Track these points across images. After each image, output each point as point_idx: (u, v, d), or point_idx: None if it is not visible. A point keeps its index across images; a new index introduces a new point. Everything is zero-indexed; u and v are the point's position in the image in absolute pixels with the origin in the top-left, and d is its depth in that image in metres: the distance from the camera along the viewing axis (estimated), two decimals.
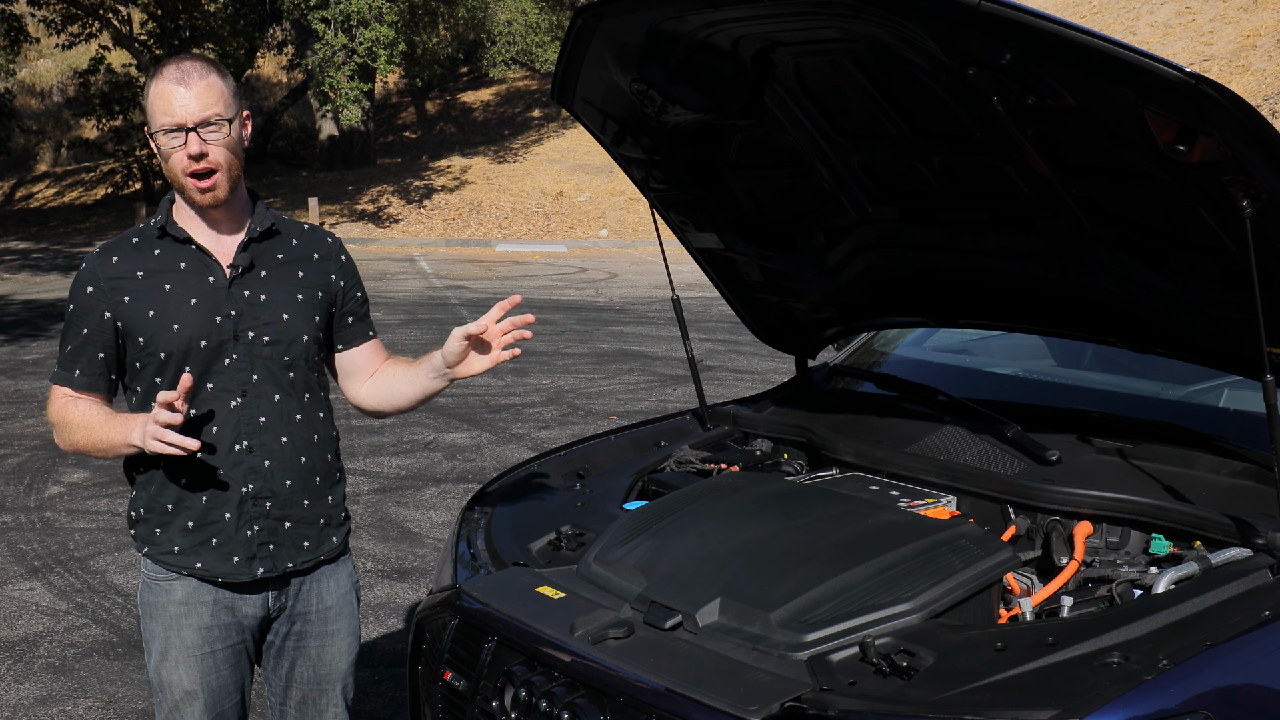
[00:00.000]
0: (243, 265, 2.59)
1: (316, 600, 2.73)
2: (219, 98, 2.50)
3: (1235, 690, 2.06)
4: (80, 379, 2.61)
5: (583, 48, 2.99)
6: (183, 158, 2.49)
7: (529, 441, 8.08)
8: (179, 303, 2.55)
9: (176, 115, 2.47)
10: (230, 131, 2.52)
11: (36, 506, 6.78)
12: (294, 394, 2.64)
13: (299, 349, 2.64)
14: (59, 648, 4.89)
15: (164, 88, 2.48)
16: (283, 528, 2.64)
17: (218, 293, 2.57)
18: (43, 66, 39.13)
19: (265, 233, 2.64)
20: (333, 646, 2.77)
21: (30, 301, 15.17)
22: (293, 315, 2.63)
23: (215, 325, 2.56)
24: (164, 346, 2.54)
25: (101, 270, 2.58)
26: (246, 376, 2.58)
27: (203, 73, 2.51)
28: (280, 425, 2.62)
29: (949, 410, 3.29)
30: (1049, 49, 2.26)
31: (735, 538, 2.56)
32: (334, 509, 2.74)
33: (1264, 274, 2.35)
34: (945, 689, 2.02)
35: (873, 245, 3.26)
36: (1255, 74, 20.92)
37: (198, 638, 2.63)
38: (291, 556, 2.66)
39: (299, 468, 2.64)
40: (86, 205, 31.14)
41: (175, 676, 2.64)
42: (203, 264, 2.59)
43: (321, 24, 24.39)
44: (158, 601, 2.65)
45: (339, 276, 2.75)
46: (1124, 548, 2.65)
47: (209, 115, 2.48)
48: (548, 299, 15.53)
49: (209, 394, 2.57)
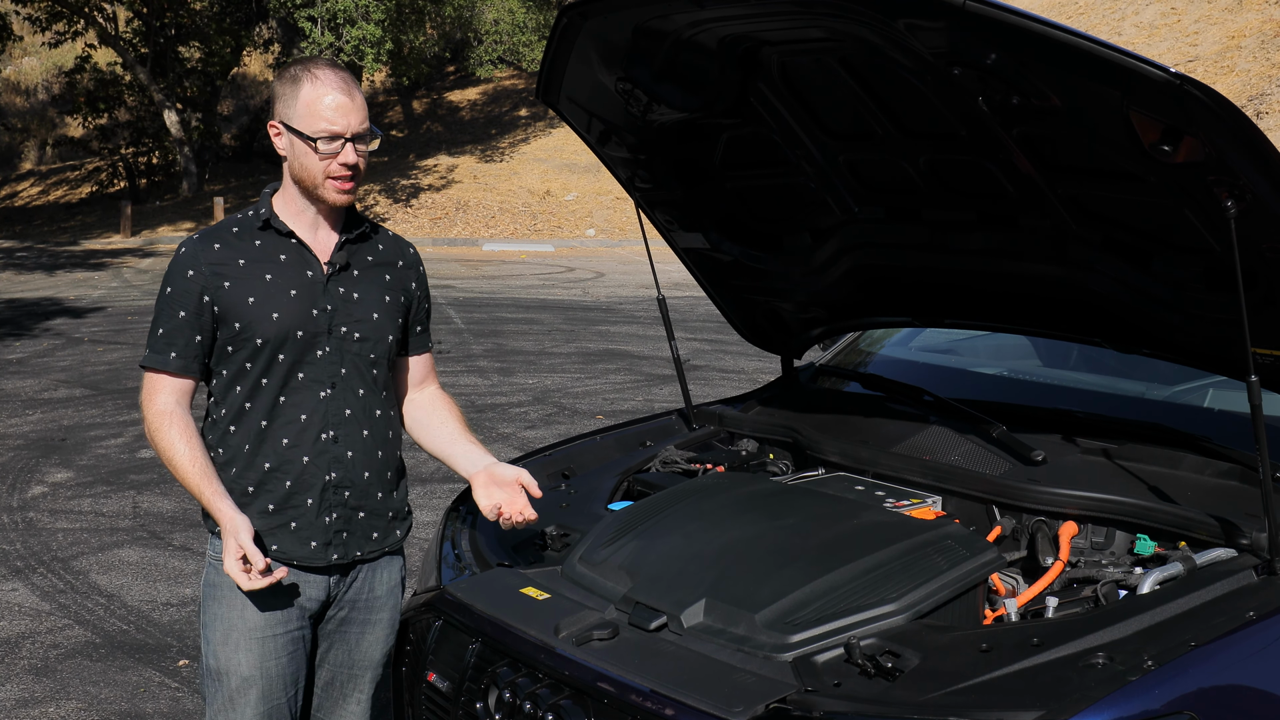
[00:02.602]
0: (339, 263, 2.68)
1: (368, 590, 2.77)
2: (367, 112, 2.62)
3: (1220, 691, 2.06)
4: (176, 361, 2.63)
5: (568, 46, 2.99)
6: (335, 164, 2.57)
7: (515, 441, 8.07)
8: (279, 292, 2.62)
9: (338, 125, 2.55)
10: (371, 144, 2.65)
11: (19, 506, 6.75)
12: (376, 390, 2.72)
13: (384, 348, 2.72)
14: (41, 649, 4.86)
15: (326, 93, 2.56)
16: (356, 517, 2.70)
17: (315, 287, 2.65)
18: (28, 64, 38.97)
19: (360, 235, 2.73)
20: (371, 635, 2.80)
21: (14, 301, 15.10)
22: (381, 315, 2.72)
23: (312, 317, 2.63)
24: (261, 333, 2.60)
25: (203, 255, 2.62)
26: (336, 370, 2.66)
27: (357, 86, 2.63)
28: (363, 419, 2.69)
29: (934, 410, 3.29)
30: (1034, 49, 2.26)
31: (720, 538, 2.56)
32: (401, 503, 2.81)
33: (1248, 274, 2.35)
34: (930, 690, 2.02)
35: (859, 245, 3.26)
36: (1240, 75, 21.01)
37: (260, 620, 2.65)
38: (360, 545, 2.72)
39: (376, 461, 2.72)
40: (71, 204, 31.02)
41: (235, 661, 2.65)
42: (302, 258, 2.66)
43: (308, 22, 24.35)
44: (222, 582, 2.65)
45: (417, 285, 2.84)
46: (1109, 548, 2.65)
47: (364, 128, 2.60)
48: (534, 298, 15.52)
49: (300, 383, 2.63)
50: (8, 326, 13.06)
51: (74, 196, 31.85)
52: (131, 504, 6.78)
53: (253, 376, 2.63)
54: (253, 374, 2.63)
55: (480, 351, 11.56)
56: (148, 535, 6.24)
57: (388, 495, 2.76)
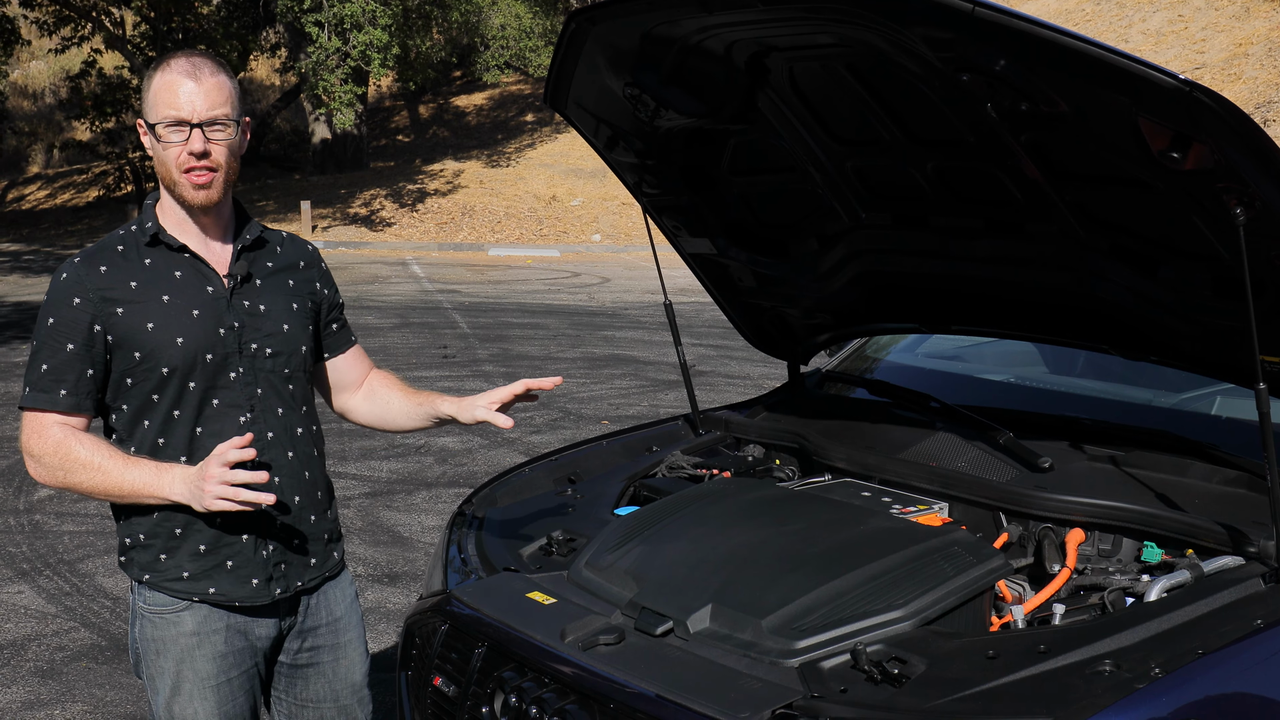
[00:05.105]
0: (240, 274, 2.51)
1: (326, 613, 2.67)
2: (227, 98, 2.43)
3: (1227, 699, 2.05)
4: (66, 399, 2.41)
5: (576, 52, 2.99)
6: (183, 154, 2.39)
7: (521, 446, 8.07)
8: (180, 314, 2.43)
9: (183, 110, 2.38)
10: (234, 134, 2.45)
11: (26, 509, 6.75)
12: (294, 407, 2.58)
13: (298, 360, 2.58)
14: (47, 651, 4.86)
15: (172, 80, 2.39)
16: (293, 545, 2.56)
17: (219, 303, 2.47)
18: (35, 68, 39.06)
19: (255, 241, 2.57)
20: (346, 658, 2.70)
21: (21, 304, 15.12)
22: (292, 325, 2.56)
23: (219, 337, 2.45)
24: (166, 361, 2.41)
25: (90, 280, 2.42)
26: (252, 391, 2.50)
27: (213, 70, 2.43)
28: (286, 440, 2.55)
29: (941, 417, 3.28)
30: (1043, 55, 2.26)
31: (727, 544, 2.55)
32: (333, 523, 2.69)
33: (1257, 282, 2.35)
34: (936, 697, 2.01)
35: (865, 251, 3.26)
36: (1247, 82, 20.98)
37: (212, 667, 2.51)
38: (300, 575, 2.60)
39: (304, 482, 2.58)
40: (78, 207, 31.07)
41: (190, 710, 2.51)
42: (199, 273, 2.48)
43: (315, 27, 24.40)
44: (164, 636, 2.51)
45: (323, 284, 2.71)
46: (1116, 555, 2.65)
47: (216, 114, 2.40)
48: (540, 303, 15.53)
49: (215, 410, 2.46)
50: (14, 329, 13.08)
51: (81, 200, 31.90)
52: None
53: (162, 409, 2.43)
54: (161, 407, 2.43)
55: (486, 356, 11.56)
56: None
57: (320, 516, 2.62)
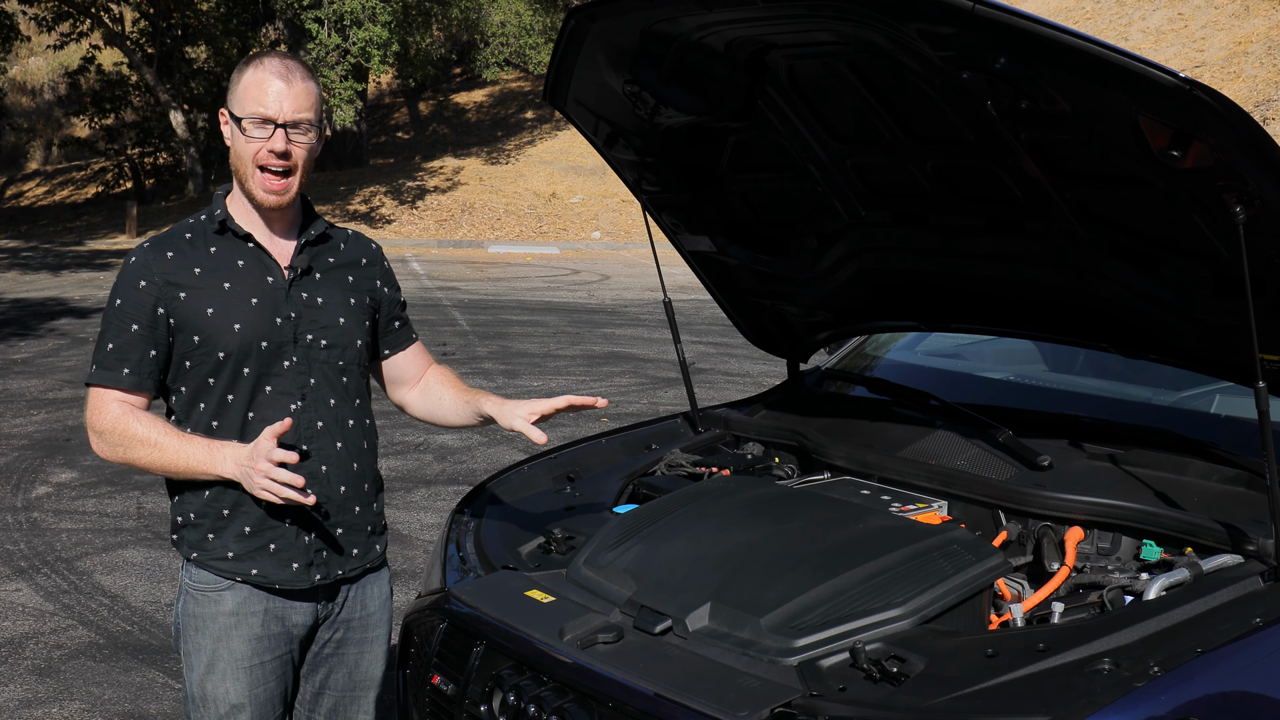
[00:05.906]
0: (300, 267, 2.57)
1: (361, 608, 2.71)
2: (313, 103, 2.51)
3: (1226, 697, 2.05)
4: (129, 378, 2.49)
5: (576, 49, 2.99)
6: (263, 150, 2.46)
7: (520, 443, 8.07)
8: (239, 301, 2.50)
9: (270, 109, 2.45)
10: (314, 139, 2.52)
11: (24, 507, 6.75)
12: (347, 399, 2.62)
13: (353, 353, 2.63)
14: (45, 649, 4.86)
15: (263, 78, 2.46)
16: (335, 535, 2.60)
17: (277, 293, 2.54)
18: (34, 64, 39.04)
19: (319, 236, 2.64)
20: (370, 653, 2.75)
21: (19, 300, 15.12)
22: (348, 319, 2.62)
23: (275, 326, 2.52)
24: (223, 346, 2.48)
25: (156, 265, 2.50)
26: (305, 380, 2.55)
27: (304, 75, 2.51)
28: (336, 430, 2.59)
29: (941, 415, 3.28)
30: (1043, 53, 2.25)
31: (726, 542, 2.55)
32: (378, 516, 2.73)
33: (1257, 280, 2.35)
34: (935, 695, 2.01)
35: (865, 249, 3.25)
36: (1247, 80, 20.99)
37: (247, 649, 2.56)
38: (342, 564, 2.64)
39: (351, 474, 2.62)
40: (77, 204, 31.07)
41: (222, 689, 2.56)
42: (261, 263, 2.55)
43: (315, 24, 24.38)
44: (204, 613, 2.57)
45: (383, 282, 2.76)
46: (1115, 553, 2.65)
47: (301, 118, 2.48)
48: (539, 301, 15.53)
49: (267, 397, 2.52)
50: (13, 326, 13.07)
51: (80, 197, 31.90)
52: (135, 505, 6.78)
53: (217, 392, 2.50)
54: (217, 390, 2.50)
55: (485, 354, 11.56)
56: (152, 536, 6.24)
57: (365, 508, 2.66)
